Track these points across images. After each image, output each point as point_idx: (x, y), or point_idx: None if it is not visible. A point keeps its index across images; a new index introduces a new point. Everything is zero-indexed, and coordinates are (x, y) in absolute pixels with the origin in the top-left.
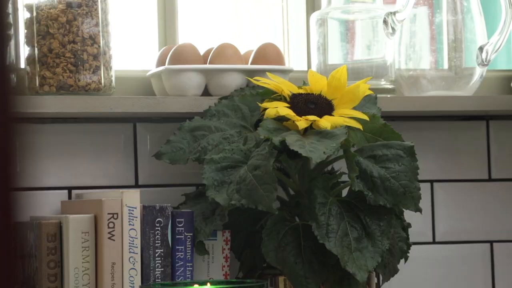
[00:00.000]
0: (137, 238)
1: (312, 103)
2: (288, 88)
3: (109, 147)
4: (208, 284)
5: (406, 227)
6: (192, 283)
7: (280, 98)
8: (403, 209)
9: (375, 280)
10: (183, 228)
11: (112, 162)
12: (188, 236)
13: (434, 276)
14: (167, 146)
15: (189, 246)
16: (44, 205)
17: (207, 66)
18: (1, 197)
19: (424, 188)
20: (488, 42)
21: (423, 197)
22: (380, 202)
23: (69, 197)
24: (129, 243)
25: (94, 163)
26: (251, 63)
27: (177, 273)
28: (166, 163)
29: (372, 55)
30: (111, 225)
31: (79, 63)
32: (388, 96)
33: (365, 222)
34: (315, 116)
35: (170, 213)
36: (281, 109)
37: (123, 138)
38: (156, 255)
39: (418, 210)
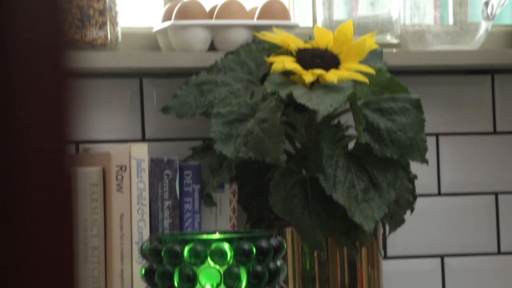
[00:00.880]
0: (145, 190)
1: (319, 57)
2: (294, 42)
3: (115, 102)
4: (217, 233)
5: (412, 178)
6: (201, 233)
7: (287, 52)
8: (410, 161)
9: (382, 230)
10: (191, 181)
11: (118, 117)
12: (196, 189)
13: (439, 228)
14: (173, 100)
15: (197, 198)
16: None
17: (213, 21)
18: (57, 151)
19: (430, 142)
20: None
21: (429, 150)
22: (387, 154)
23: (76, 151)
24: (138, 195)
25: (100, 118)
26: (257, 19)
27: (185, 225)
28: (172, 118)
29: (377, 11)
30: (119, 177)
31: (85, 18)
32: (394, 50)
33: (372, 174)
34: (322, 70)
35: (177, 165)
36: (288, 63)
37: (130, 93)
38: (165, 206)
39: (425, 161)
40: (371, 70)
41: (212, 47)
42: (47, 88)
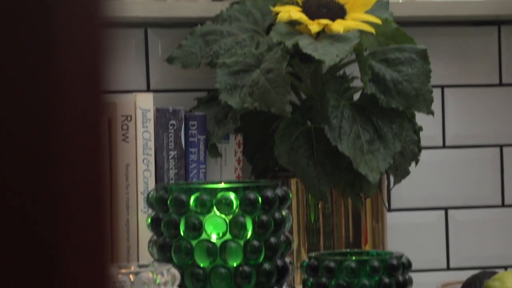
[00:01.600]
0: (150, 141)
1: (325, 7)
2: None
3: (120, 53)
4: (223, 183)
5: (417, 130)
6: (207, 183)
7: (292, 2)
8: (415, 111)
9: (386, 182)
10: (196, 131)
11: (123, 68)
12: (201, 139)
13: (444, 180)
14: (179, 50)
15: (202, 148)
16: None
17: None
18: (94, 100)
19: (435, 94)
20: None
21: (434, 102)
22: (392, 105)
23: None
24: (143, 145)
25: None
26: None
27: (190, 175)
28: (177, 69)
29: None
30: (124, 127)
31: None
32: (400, 1)
33: (377, 125)
34: (328, 20)
35: (183, 116)
36: (294, 13)
37: (135, 44)
38: (170, 157)
39: (430, 112)
40: (377, 20)
41: None
42: (86, 38)
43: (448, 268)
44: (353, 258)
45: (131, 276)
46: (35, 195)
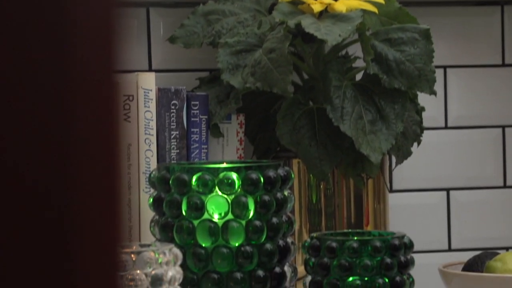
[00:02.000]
0: (152, 120)
1: None
2: None
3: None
4: (225, 163)
5: (420, 110)
6: (209, 163)
7: None
8: (418, 92)
9: (388, 162)
10: (198, 111)
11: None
12: (203, 119)
13: (446, 161)
14: (181, 30)
15: (204, 128)
16: None
17: None
18: (105, 77)
19: (438, 74)
20: None
21: (437, 83)
22: (395, 85)
23: None
24: (145, 125)
25: None
26: None
27: (192, 155)
28: (179, 49)
29: None
30: (126, 107)
31: None
32: None
33: (379, 105)
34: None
35: (185, 95)
36: None
37: (136, 23)
38: (172, 137)
39: (433, 93)
40: (380, 0)
41: None
42: (99, 17)
43: (450, 249)
44: (355, 238)
45: (133, 255)
46: (48, 175)
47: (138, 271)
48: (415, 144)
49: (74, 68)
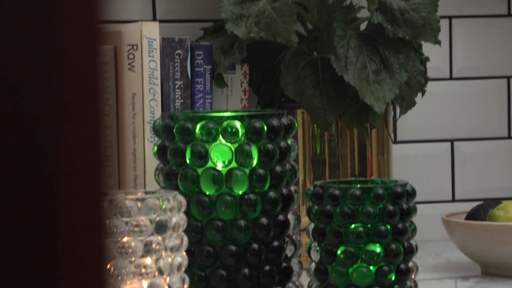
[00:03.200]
0: (156, 70)
1: None
2: None
3: None
4: (228, 112)
5: (424, 61)
6: (213, 112)
7: None
8: (422, 41)
9: (392, 112)
10: (202, 61)
11: None
12: (207, 69)
13: (450, 112)
14: None
15: (208, 78)
16: None
17: None
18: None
19: (443, 24)
20: None
21: (441, 33)
22: (399, 34)
23: None
24: (149, 74)
25: None
26: None
27: (196, 105)
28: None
29: None
30: (131, 56)
31: None
32: None
33: (383, 55)
34: None
35: (189, 45)
36: None
37: None
38: (176, 86)
39: (437, 42)
40: None
41: None
42: None
43: (454, 199)
44: (358, 186)
45: (137, 202)
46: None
47: (143, 217)
48: (419, 94)
49: (57, 14)
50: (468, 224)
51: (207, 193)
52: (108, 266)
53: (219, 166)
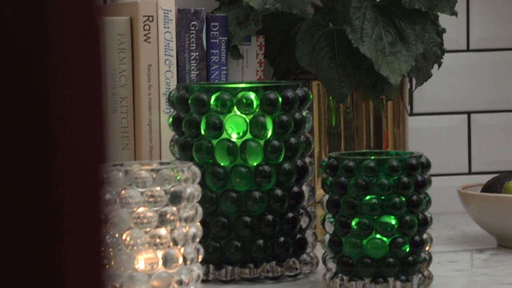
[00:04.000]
0: (172, 41)
1: None
2: None
3: None
4: (244, 84)
5: (441, 32)
6: (228, 83)
7: None
8: (439, 12)
9: (408, 84)
10: (217, 32)
11: None
12: (223, 40)
13: (467, 84)
14: None
15: (224, 50)
16: None
17: None
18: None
19: None
20: None
21: (458, 4)
22: (415, 5)
23: (104, 1)
24: (165, 45)
25: None
26: None
27: (212, 76)
28: None
29: None
30: (146, 27)
31: None
32: None
33: (399, 26)
34: None
35: (204, 16)
36: None
37: None
38: (191, 58)
39: (454, 13)
40: None
41: None
42: None
43: (470, 172)
44: (372, 158)
45: (152, 173)
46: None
47: (158, 188)
48: (436, 66)
49: None
50: (484, 196)
51: (222, 164)
52: (124, 236)
53: (234, 137)
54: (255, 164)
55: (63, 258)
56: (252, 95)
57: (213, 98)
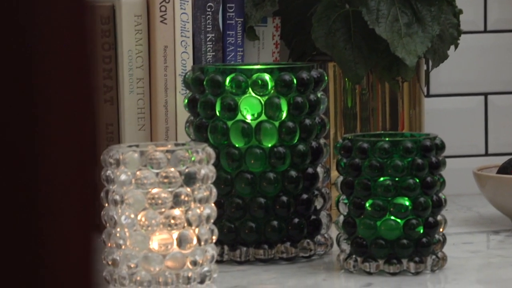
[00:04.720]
0: (188, 22)
1: None
2: None
3: None
4: (258, 65)
5: (457, 13)
6: (243, 64)
7: None
8: None
9: (425, 66)
10: (233, 13)
11: None
12: (239, 22)
13: (484, 66)
14: None
15: (240, 31)
16: None
17: None
18: None
19: None
20: None
21: None
22: None
23: None
24: (181, 27)
25: None
26: None
27: (228, 58)
28: None
29: None
30: (163, 8)
31: None
32: None
33: (415, 7)
34: None
35: None
36: None
37: None
38: (207, 39)
39: None
40: None
41: None
42: None
43: (487, 154)
44: (387, 139)
45: (167, 154)
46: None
47: (172, 169)
48: (452, 47)
49: None
50: (499, 178)
51: (237, 145)
52: (139, 217)
53: (249, 118)
54: (269, 145)
55: (51, 260)
56: (266, 77)
57: (228, 79)
